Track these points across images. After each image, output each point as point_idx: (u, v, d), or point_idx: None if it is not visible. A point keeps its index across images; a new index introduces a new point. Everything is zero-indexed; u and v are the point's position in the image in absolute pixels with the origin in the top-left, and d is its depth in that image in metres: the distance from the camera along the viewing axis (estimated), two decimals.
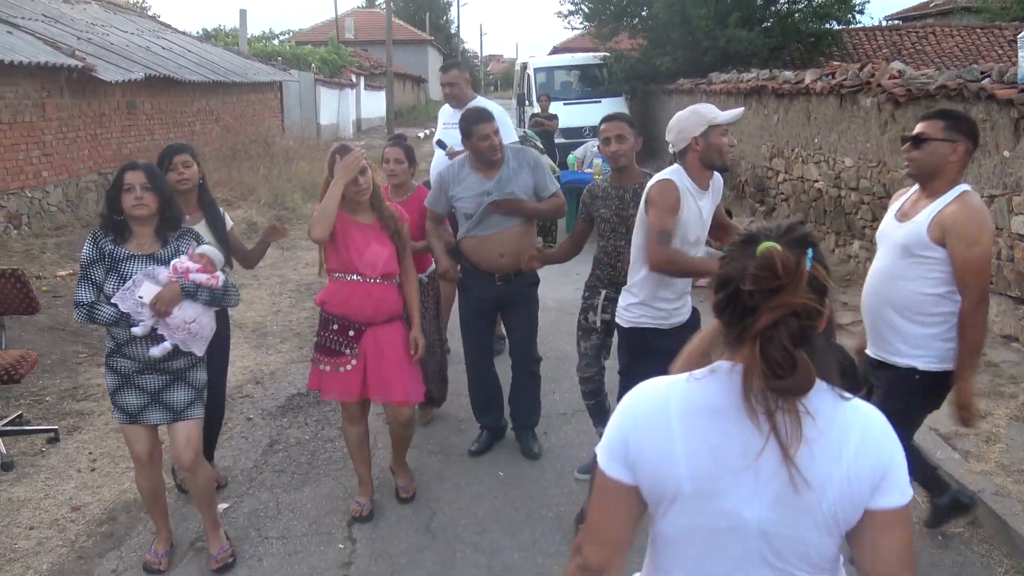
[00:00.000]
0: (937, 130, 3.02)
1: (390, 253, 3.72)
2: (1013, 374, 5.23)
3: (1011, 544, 3.56)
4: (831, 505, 1.40)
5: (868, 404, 1.48)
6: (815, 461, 1.39)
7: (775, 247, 1.38)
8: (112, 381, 3.34)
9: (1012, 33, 18.35)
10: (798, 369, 1.36)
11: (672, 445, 1.44)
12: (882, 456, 1.41)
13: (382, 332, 3.74)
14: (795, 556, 1.44)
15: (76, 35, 12.85)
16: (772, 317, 1.36)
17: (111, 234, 3.27)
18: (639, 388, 1.54)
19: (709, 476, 1.43)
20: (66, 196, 10.58)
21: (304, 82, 23.00)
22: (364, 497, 3.97)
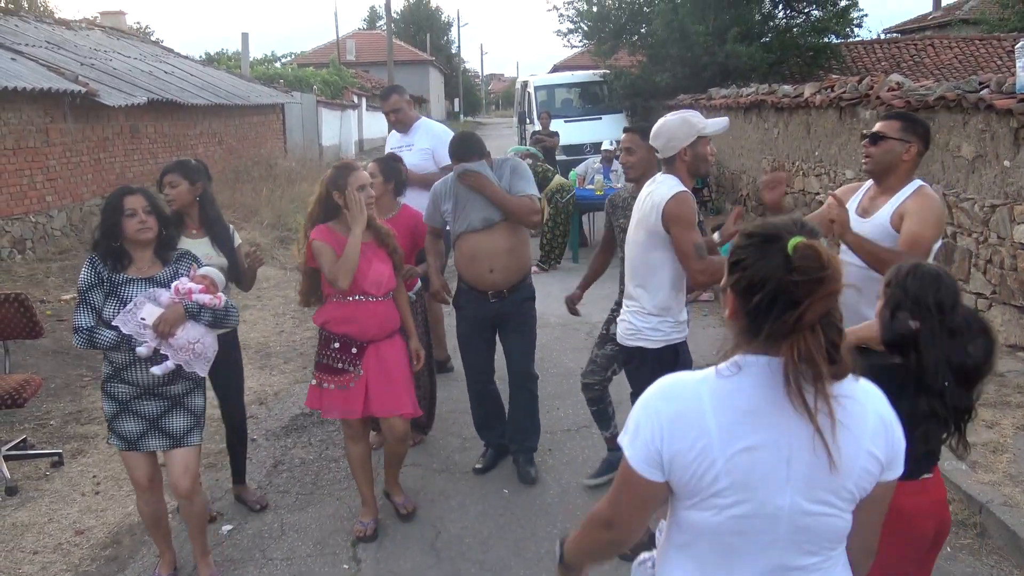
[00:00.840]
0: (894, 130, 3.24)
1: (390, 269, 3.78)
2: (1019, 384, 5.20)
3: (1021, 555, 3.53)
4: (856, 482, 1.50)
5: (871, 385, 1.57)
6: (847, 443, 1.48)
7: (808, 241, 1.44)
8: (110, 407, 3.32)
9: (1010, 44, 18.40)
10: (842, 356, 1.45)
11: (710, 443, 1.49)
12: (895, 435, 1.54)
13: (383, 347, 3.78)
14: (821, 535, 1.52)
15: (79, 61, 12.95)
16: (825, 305, 1.43)
17: (109, 262, 3.25)
18: (667, 385, 1.57)
19: (746, 470, 1.48)
20: (70, 220, 10.62)
21: (306, 104, 23.12)
22: (368, 517, 3.96)
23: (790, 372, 1.44)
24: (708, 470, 1.49)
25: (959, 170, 6.56)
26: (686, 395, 1.53)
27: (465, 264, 4.30)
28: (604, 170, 10.95)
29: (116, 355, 3.26)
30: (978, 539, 3.71)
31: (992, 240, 6.08)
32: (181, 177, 3.89)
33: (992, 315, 6.11)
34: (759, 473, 1.48)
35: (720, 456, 1.48)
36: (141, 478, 3.38)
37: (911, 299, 2.24)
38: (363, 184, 3.71)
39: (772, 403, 1.47)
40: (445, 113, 58.55)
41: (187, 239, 3.87)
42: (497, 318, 4.39)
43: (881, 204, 3.26)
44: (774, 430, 1.47)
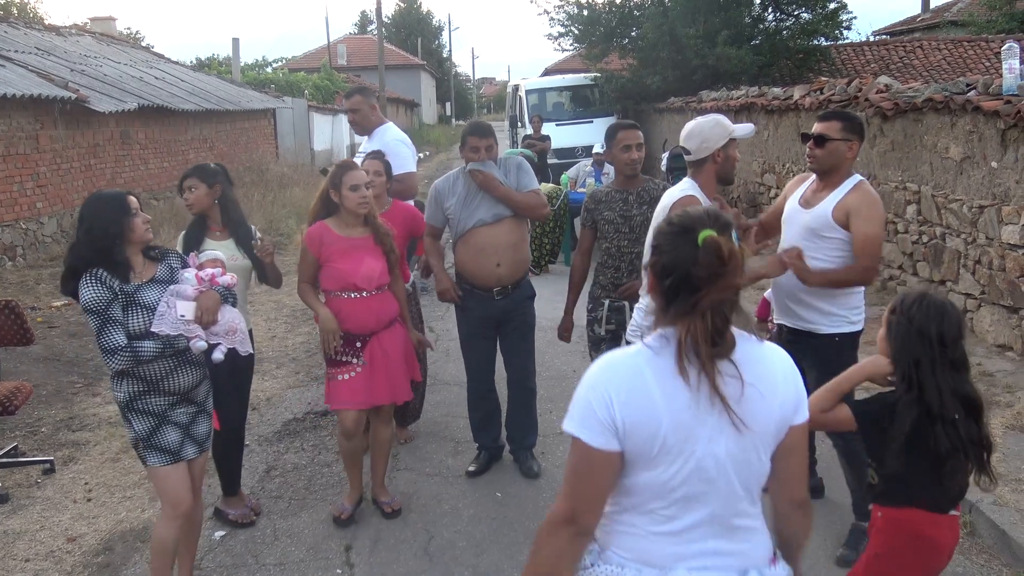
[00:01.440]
0: (836, 131, 3.44)
1: (383, 265, 3.89)
2: (1008, 383, 5.24)
3: (1010, 554, 3.56)
4: (776, 429, 1.72)
5: (774, 345, 1.79)
6: (764, 397, 1.69)
7: (716, 236, 1.61)
8: (146, 424, 3.12)
9: (998, 46, 18.50)
10: (727, 339, 1.65)
11: (656, 408, 1.66)
12: (798, 384, 1.76)
13: (384, 337, 3.94)
14: (752, 479, 1.72)
15: (69, 67, 12.93)
16: (720, 297, 1.61)
17: (118, 273, 3.04)
18: (609, 362, 1.73)
19: (686, 426, 1.66)
20: (61, 227, 10.60)
21: (297, 109, 23.10)
22: (349, 501, 4.09)
23: (680, 349, 1.64)
24: (656, 432, 1.66)
25: (947, 171, 6.60)
26: (628, 368, 1.69)
27: (472, 258, 4.29)
28: (596, 173, 10.97)
29: (152, 368, 3.08)
30: (968, 538, 3.73)
31: (981, 241, 6.12)
32: (199, 180, 3.91)
33: (981, 315, 6.15)
34: (697, 428, 1.66)
35: (665, 417, 1.65)
36: (184, 493, 3.17)
37: (915, 330, 2.29)
38: (356, 184, 3.81)
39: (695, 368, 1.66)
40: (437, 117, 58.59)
41: (211, 240, 3.91)
42: (501, 317, 4.41)
43: (823, 197, 3.49)
44: (704, 388, 1.64)
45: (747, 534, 1.75)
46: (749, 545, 1.75)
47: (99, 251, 3.03)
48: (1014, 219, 5.70)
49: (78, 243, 3.07)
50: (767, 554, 1.79)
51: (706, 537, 1.71)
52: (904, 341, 2.31)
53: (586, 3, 19.39)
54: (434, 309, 8.00)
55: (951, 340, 2.30)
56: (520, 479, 4.50)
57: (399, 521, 4.08)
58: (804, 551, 1.95)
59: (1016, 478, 4.06)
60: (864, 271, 3.42)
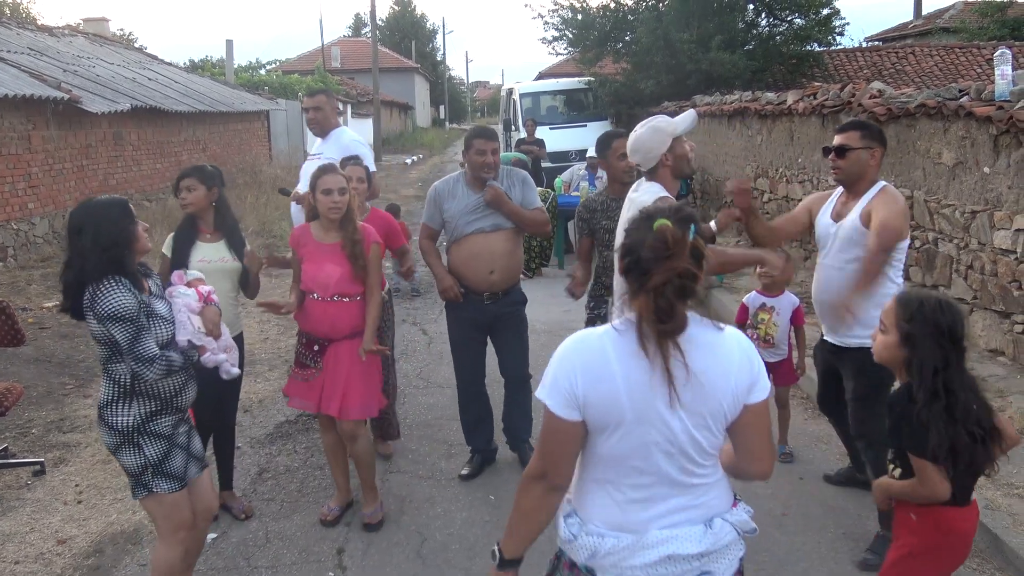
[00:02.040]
0: (856, 140, 3.49)
1: (343, 273, 3.83)
2: (1000, 388, 5.26)
3: (1002, 558, 3.57)
4: (729, 407, 1.87)
5: (735, 329, 1.95)
6: (714, 379, 1.84)
7: (668, 224, 1.78)
8: (158, 449, 2.93)
9: (990, 52, 18.61)
10: (676, 317, 1.78)
11: (616, 384, 1.82)
12: (754, 367, 1.90)
13: (342, 349, 3.89)
14: (703, 450, 1.88)
15: (62, 67, 12.88)
16: (662, 278, 1.76)
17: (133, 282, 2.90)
18: (576, 340, 1.91)
19: (643, 402, 1.82)
20: (52, 228, 10.55)
21: (291, 111, 23.07)
22: (335, 503, 4.14)
23: (637, 325, 1.81)
24: (615, 405, 1.83)
25: (940, 176, 6.62)
26: (593, 347, 1.87)
27: (465, 262, 4.33)
28: (589, 177, 10.97)
29: (167, 384, 2.95)
30: None
31: (973, 246, 6.14)
32: (198, 182, 3.90)
33: (973, 320, 6.17)
34: (654, 404, 1.82)
35: (624, 393, 1.82)
36: (188, 514, 3.04)
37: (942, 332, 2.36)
38: (328, 188, 3.80)
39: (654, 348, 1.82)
40: (431, 120, 58.58)
41: (201, 243, 3.92)
42: (492, 321, 4.44)
43: (852, 207, 3.56)
44: (659, 367, 1.80)
45: (705, 489, 1.93)
46: (709, 497, 1.94)
47: (110, 261, 2.82)
48: (1006, 224, 5.72)
49: (82, 254, 2.84)
50: (728, 502, 1.98)
51: (668, 497, 1.90)
52: (929, 347, 2.36)
53: (580, 7, 19.43)
54: (427, 311, 8.00)
55: (959, 338, 2.39)
56: (514, 482, 4.48)
57: (392, 523, 4.07)
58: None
59: (1008, 483, 4.07)
60: (875, 257, 3.40)
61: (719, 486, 1.96)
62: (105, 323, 2.79)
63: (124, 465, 2.96)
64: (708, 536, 1.90)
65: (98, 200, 3.01)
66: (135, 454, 2.92)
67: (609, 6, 19.31)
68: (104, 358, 2.91)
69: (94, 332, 2.86)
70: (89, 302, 2.82)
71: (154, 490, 2.95)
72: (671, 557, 1.87)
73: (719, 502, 1.95)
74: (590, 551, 1.91)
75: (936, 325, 2.36)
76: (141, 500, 3.00)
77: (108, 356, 2.88)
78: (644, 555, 1.88)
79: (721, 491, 1.97)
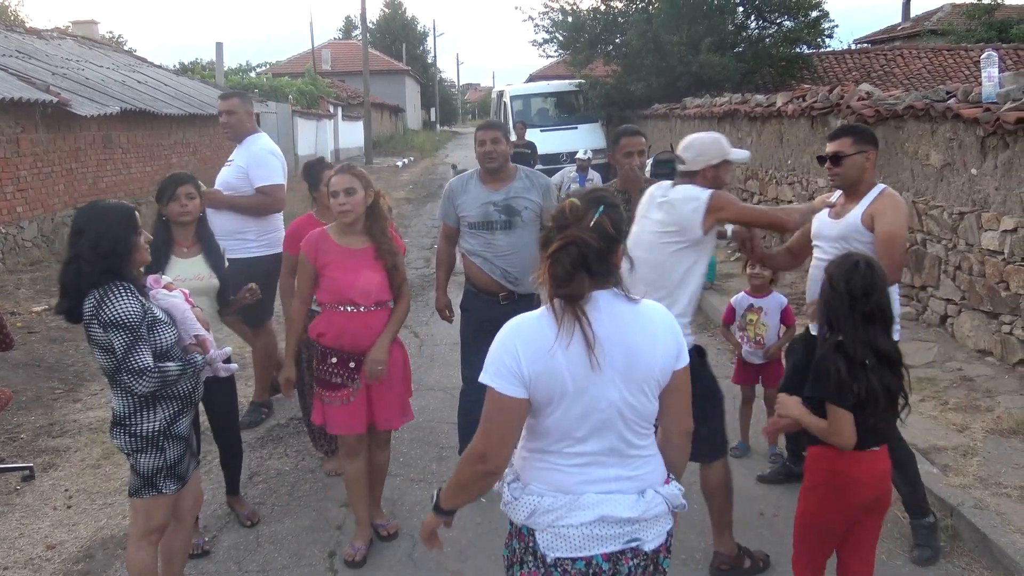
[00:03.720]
0: (848, 146, 3.59)
1: (382, 279, 3.62)
2: (988, 388, 5.29)
3: (991, 557, 3.58)
4: (659, 374, 2.04)
5: (651, 301, 2.11)
6: (642, 347, 2.01)
7: (573, 201, 2.00)
8: (177, 451, 2.95)
9: (977, 54, 18.72)
10: (573, 283, 1.94)
11: (556, 360, 1.97)
12: (677, 335, 2.09)
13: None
14: (639, 418, 2.05)
15: (51, 70, 12.83)
16: (559, 244, 1.95)
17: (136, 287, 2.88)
18: (516, 324, 2.07)
19: (582, 376, 1.98)
20: (41, 231, 10.51)
21: (281, 114, 23.04)
22: (361, 541, 3.79)
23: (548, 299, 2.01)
24: (557, 379, 1.97)
25: (928, 178, 6.66)
26: (532, 327, 2.03)
27: (477, 260, 4.29)
28: (580, 179, 10.99)
29: (181, 386, 2.95)
30: (950, 542, 3.76)
31: (961, 247, 6.18)
32: (196, 190, 3.73)
33: (961, 320, 6.21)
34: (592, 377, 1.97)
35: (564, 367, 1.97)
36: (168, 520, 3.07)
37: (829, 284, 2.69)
38: (335, 190, 3.56)
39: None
40: (422, 122, 58.55)
41: (177, 258, 3.70)
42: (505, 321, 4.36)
43: (851, 208, 3.63)
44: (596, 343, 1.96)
45: (642, 461, 2.09)
46: (645, 470, 2.09)
47: (107, 269, 2.79)
48: (993, 225, 5.76)
49: (78, 259, 2.79)
50: (661, 476, 2.14)
51: (607, 466, 2.05)
52: (827, 296, 2.69)
53: (571, 10, 19.49)
54: (418, 314, 7.99)
55: (860, 295, 2.61)
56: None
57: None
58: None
59: (997, 482, 4.10)
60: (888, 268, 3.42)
61: (654, 461, 2.13)
62: (108, 329, 2.75)
63: (141, 467, 2.92)
64: (640, 504, 2.05)
65: (105, 205, 2.97)
66: (156, 456, 2.91)
67: (599, 8, 19.38)
68: (111, 368, 2.83)
69: (96, 338, 2.80)
70: (94, 308, 2.76)
71: (163, 491, 2.94)
72: (604, 519, 2.01)
73: (653, 476, 2.11)
74: (530, 509, 2.05)
75: (831, 278, 2.67)
76: (139, 500, 2.97)
77: (115, 366, 2.81)
78: (579, 515, 2.02)
79: (656, 466, 2.14)
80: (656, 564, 2.10)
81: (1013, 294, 5.58)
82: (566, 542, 2.02)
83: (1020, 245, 5.48)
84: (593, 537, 2.01)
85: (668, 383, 2.07)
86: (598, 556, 2.01)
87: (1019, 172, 5.51)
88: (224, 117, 5.21)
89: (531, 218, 4.26)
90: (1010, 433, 4.65)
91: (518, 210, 4.24)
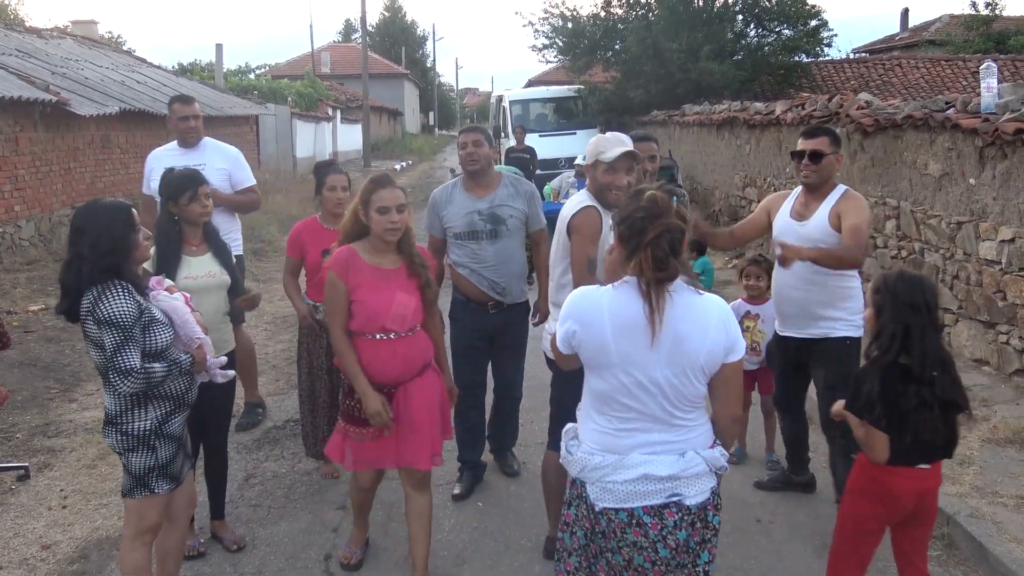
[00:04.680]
0: (826, 145, 3.72)
1: (417, 302, 3.30)
2: (985, 397, 5.30)
3: (987, 566, 3.59)
4: (703, 362, 2.24)
5: (715, 296, 2.33)
6: (692, 335, 2.22)
7: (656, 192, 2.24)
8: (170, 450, 2.96)
9: (975, 65, 18.80)
10: (670, 266, 2.19)
11: (605, 334, 2.25)
12: (731, 330, 2.28)
13: (413, 387, 3.33)
14: (681, 397, 2.26)
15: (50, 70, 12.81)
16: (656, 231, 2.18)
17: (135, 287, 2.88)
18: (581, 292, 2.35)
19: (629, 351, 2.23)
20: (39, 231, 10.48)
21: (280, 116, 23.03)
22: (356, 545, 3.77)
23: (639, 279, 2.21)
24: (603, 349, 2.25)
25: (926, 187, 6.68)
26: (590, 299, 2.31)
27: (464, 270, 4.25)
28: (579, 184, 10.98)
29: (175, 386, 2.95)
30: (946, 550, 3.76)
31: (958, 256, 6.19)
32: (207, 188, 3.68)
33: (958, 330, 6.22)
34: (638, 355, 2.22)
35: (611, 341, 2.24)
36: (161, 520, 3.06)
37: (903, 302, 2.65)
38: (386, 205, 3.19)
39: (641, 305, 2.21)
40: (420, 126, 58.58)
41: (187, 257, 3.62)
42: (495, 331, 4.36)
43: (815, 208, 3.76)
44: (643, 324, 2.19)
45: (687, 429, 2.30)
46: (690, 436, 2.30)
47: (107, 268, 2.80)
48: (991, 235, 5.77)
49: (79, 258, 2.81)
50: (706, 442, 2.34)
51: (651, 431, 2.28)
52: (894, 313, 2.66)
53: (570, 16, 19.53)
54: None
55: (934, 307, 2.66)
56: (501, 489, 4.49)
57: (380, 530, 4.05)
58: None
59: (993, 491, 4.10)
60: (854, 249, 3.59)
61: (700, 429, 2.33)
62: (101, 326, 2.77)
63: (133, 466, 2.93)
64: (679, 463, 2.26)
65: (102, 203, 2.98)
66: (148, 456, 2.92)
67: (599, 15, 19.42)
68: (103, 366, 2.85)
69: (91, 335, 2.82)
70: (91, 305, 2.79)
71: (156, 491, 2.95)
72: (646, 476, 2.25)
73: (697, 441, 2.32)
74: (581, 465, 2.34)
75: (895, 294, 2.67)
76: (131, 500, 2.97)
77: (105, 364, 2.83)
78: (624, 473, 2.27)
79: (702, 433, 2.33)
80: (704, 520, 2.30)
81: (1010, 304, 5.60)
82: (611, 495, 2.28)
83: (1017, 255, 5.50)
84: (636, 492, 2.26)
85: (717, 373, 2.27)
86: (639, 509, 2.26)
87: (1017, 182, 5.53)
88: (192, 122, 5.22)
89: (516, 226, 4.24)
90: (1006, 442, 4.66)
91: (503, 218, 4.19)
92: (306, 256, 4.39)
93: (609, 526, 2.29)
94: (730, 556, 3.74)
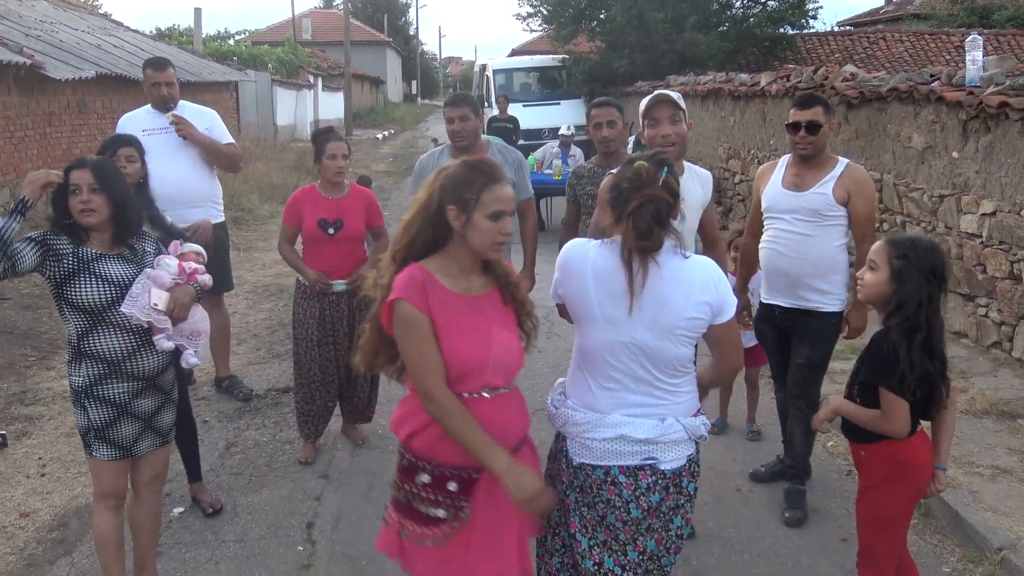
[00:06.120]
0: (821, 115, 3.63)
1: (519, 340, 2.34)
2: (962, 369, 5.35)
3: (962, 534, 3.64)
4: (686, 325, 2.23)
5: (704, 258, 2.32)
6: (674, 299, 2.21)
7: (644, 163, 2.24)
8: (103, 415, 2.91)
9: (959, 39, 18.82)
10: (653, 236, 2.18)
11: (586, 284, 2.28)
12: (719, 291, 2.25)
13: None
14: (662, 362, 2.26)
15: (24, 32, 12.53)
16: (639, 201, 2.19)
17: (65, 236, 2.88)
18: (570, 246, 2.37)
19: (611, 309, 2.24)
20: (13, 197, 10.30)
21: (260, 82, 22.71)
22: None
23: (621, 245, 2.22)
24: (586, 303, 2.28)
25: (909, 160, 6.69)
26: (579, 252, 2.33)
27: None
28: (562, 154, 10.96)
29: (113, 347, 2.87)
30: (922, 519, 3.81)
31: (940, 229, 6.23)
32: (138, 153, 3.60)
33: None
34: (620, 313, 2.23)
35: (593, 296, 2.26)
36: (120, 486, 3.03)
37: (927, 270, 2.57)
38: (499, 210, 2.17)
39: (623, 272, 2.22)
40: (402, 95, 58.00)
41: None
42: None
43: (812, 178, 3.68)
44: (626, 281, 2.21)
45: (670, 394, 2.30)
46: (671, 401, 2.30)
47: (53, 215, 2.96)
48: (972, 209, 5.80)
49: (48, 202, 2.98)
50: (688, 410, 2.33)
51: (634, 392, 2.29)
52: (920, 282, 2.55)
53: None
54: None
55: (946, 276, 2.62)
56: None
57: (362, 498, 4.05)
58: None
59: (969, 461, 4.16)
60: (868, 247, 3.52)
61: (684, 396, 2.33)
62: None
63: (77, 423, 3.01)
64: (658, 428, 2.27)
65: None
66: (80, 415, 2.97)
67: None
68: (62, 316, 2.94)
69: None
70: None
71: (94, 454, 2.97)
72: (623, 437, 2.27)
73: (678, 408, 2.31)
74: (564, 420, 2.37)
75: (927, 262, 2.57)
76: (88, 459, 3.03)
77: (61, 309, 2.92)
78: (602, 431, 2.28)
79: (685, 400, 2.33)
80: (679, 486, 2.31)
81: (990, 277, 5.64)
82: (589, 452, 2.30)
83: (998, 229, 5.53)
84: (613, 452, 2.28)
85: (710, 333, 2.29)
86: (615, 468, 2.27)
87: (1000, 156, 5.54)
88: (164, 89, 5.08)
89: None
90: (983, 414, 4.71)
91: None
92: (303, 225, 4.32)
93: (586, 481, 2.31)
94: (710, 524, 3.77)
